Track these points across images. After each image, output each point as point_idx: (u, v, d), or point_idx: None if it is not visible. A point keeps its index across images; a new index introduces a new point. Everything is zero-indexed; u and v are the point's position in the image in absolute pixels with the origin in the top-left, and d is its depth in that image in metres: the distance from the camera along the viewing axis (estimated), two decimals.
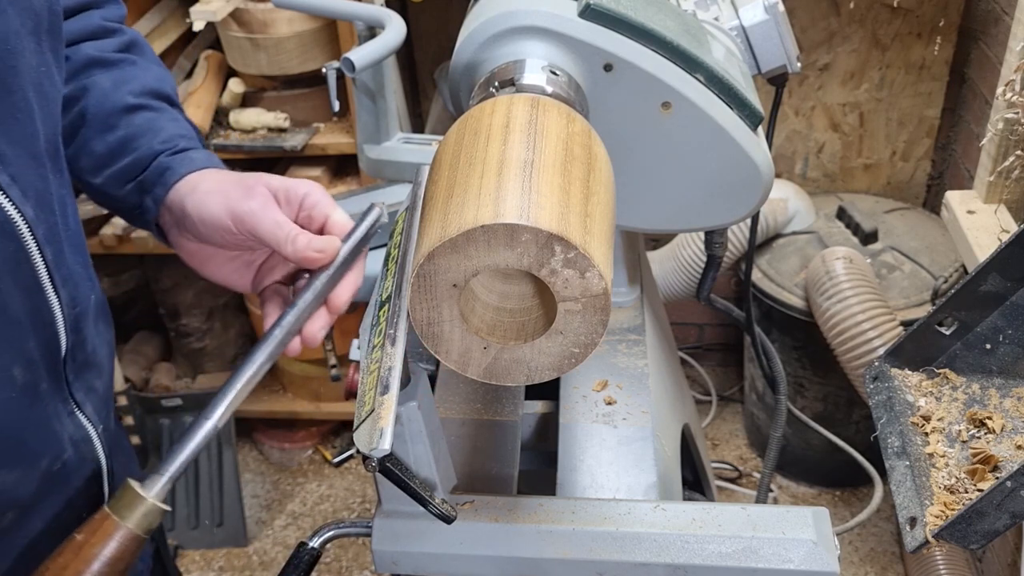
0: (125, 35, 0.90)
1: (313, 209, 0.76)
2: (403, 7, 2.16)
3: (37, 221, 0.69)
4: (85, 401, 0.79)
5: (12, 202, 0.67)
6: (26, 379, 0.71)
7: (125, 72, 0.86)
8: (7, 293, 0.67)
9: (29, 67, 0.69)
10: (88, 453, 0.80)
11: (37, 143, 0.71)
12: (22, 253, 0.68)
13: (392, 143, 1.49)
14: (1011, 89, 1.38)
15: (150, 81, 0.86)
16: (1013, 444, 0.79)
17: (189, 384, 2.57)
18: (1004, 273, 0.84)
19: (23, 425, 0.72)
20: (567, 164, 0.62)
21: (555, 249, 0.57)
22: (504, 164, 0.60)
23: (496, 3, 0.80)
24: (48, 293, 0.72)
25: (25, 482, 0.73)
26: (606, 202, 0.64)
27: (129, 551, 0.63)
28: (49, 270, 0.71)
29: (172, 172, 0.80)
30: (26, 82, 0.68)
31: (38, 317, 0.71)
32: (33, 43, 0.70)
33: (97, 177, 0.83)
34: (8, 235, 0.67)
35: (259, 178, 0.77)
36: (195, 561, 2.29)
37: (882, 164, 2.35)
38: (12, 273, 0.68)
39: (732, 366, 2.67)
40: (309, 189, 0.76)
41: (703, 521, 0.75)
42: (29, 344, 0.70)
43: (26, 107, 0.69)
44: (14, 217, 0.67)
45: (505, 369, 0.65)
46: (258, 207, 0.74)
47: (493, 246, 0.57)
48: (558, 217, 0.57)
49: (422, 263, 0.59)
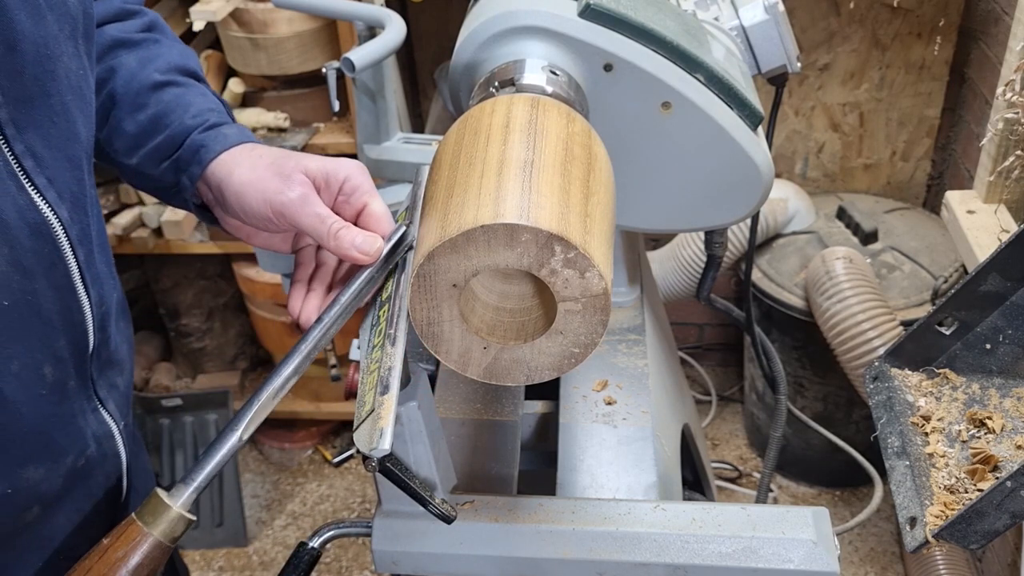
0: (146, 16, 0.90)
1: (352, 195, 0.73)
2: (403, 7, 2.16)
3: (72, 223, 0.71)
4: (108, 398, 0.80)
5: (49, 204, 0.68)
6: (55, 377, 0.72)
7: (150, 51, 0.86)
8: (41, 294, 0.69)
9: (68, 71, 0.70)
10: (110, 449, 0.82)
11: (75, 146, 0.72)
12: (57, 254, 0.70)
13: (392, 143, 1.49)
14: (1011, 89, 1.38)
15: (175, 58, 0.86)
16: (1013, 444, 0.79)
17: (189, 384, 2.57)
18: (1004, 273, 0.84)
19: (51, 422, 0.73)
20: (567, 164, 0.62)
21: (555, 249, 0.57)
22: (504, 164, 0.60)
23: (496, 3, 0.80)
24: (80, 293, 0.73)
25: (51, 478, 0.74)
26: (606, 202, 0.64)
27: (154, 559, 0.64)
28: (81, 271, 0.72)
29: (207, 150, 0.78)
30: (64, 87, 0.69)
31: (68, 317, 0.72)
32: (71, 47, 0.71)
33: (132, 158, 0.83)
34: (44, 237, 0.68)
35: (297, 162, 0.74)
36: (195, 561, 2.29)
37: (882, 164, 2.34)
38: (47, 274, 0.69)
39: (732, 366, 2.67)
40: (349, 172, 0.73)
41: (703, 521, 0.75)
42: (60, 343, 0.72)
43: (64, 111, 0.70)
44: (50, 219, 0.69)
45: (505, 369, 0.65)
46: (297, 199, 0.72)
47: (493, 246, 0.57)
48: (558, 217, 0.57)
49: (422, 263, 0.59)
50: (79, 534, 0.80)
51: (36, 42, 0.65)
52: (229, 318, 2.53)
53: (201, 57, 2.14)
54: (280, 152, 0.77)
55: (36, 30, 0.65)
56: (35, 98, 0.67)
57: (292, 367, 0.68)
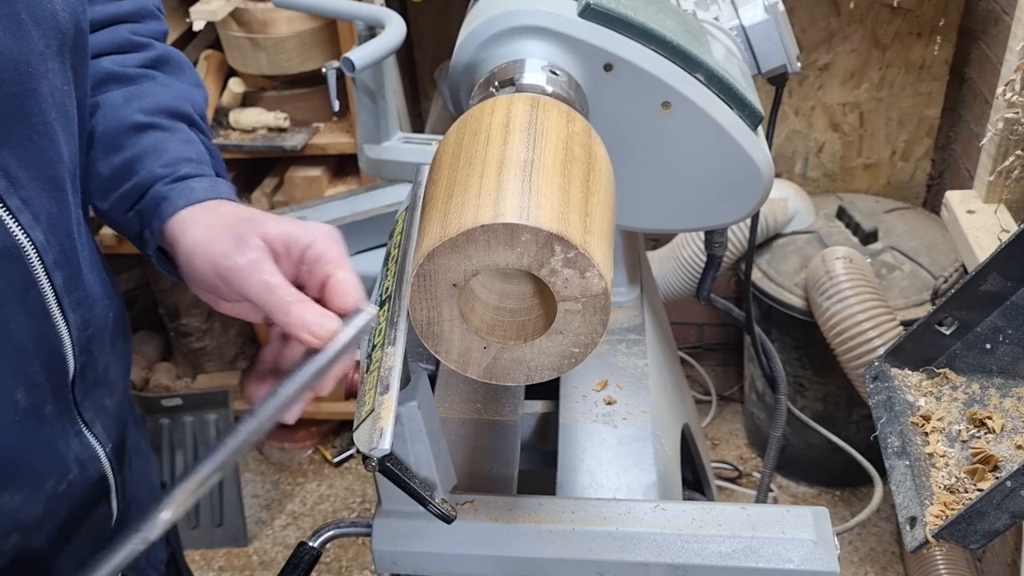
0: (154, 50, 0.84)
1: (315, 264, 0.65)
2: (403, 7, 2.16)
3: (47, 246, 0.68)
4: (94, 420, 0.77)
5: (22, 227, 0.65)
6: (30, 402, 0.69)
7: (141, 88, 0.80)
8: (12, 318, 0.66)
9: (52, 88, 0.67)
10: (95, 471, 0.79)
11: (56, 166, 0.68)
12: (29, 278, 0.67)
13: (392, 143, 1.49)
14: (1011, 89, 1.38)
15: (166, 98, 0.80)
16: (1013, 444, 0.79)
17: (189, 384, 2.57)
18: (1004, 273, 0.84)
19: (27, 447, 0.70)
20: (567, 164, 0.62)
21: (555, 249, 0.57)
22: (504, 164, 0.60)
23: (496, 3, 0.80)
24: (56, 318, 0.70)
25: (30, 503, 0.72)
26: (606, 202, 0.64)
27: None
28: (58, 295, 0.69)
29: (168, 204, 0.72)
30: (47, 105, 0.66)
31: (44, 342, 0.69)
32: (57, 63, 0.67)
33: (104, 202, 0.78)
34: (15, 260, 0.65)
35: (255, 225, 0.67)
36: (195, 561, 2.29)
37: (882, 164, 2.34)
38: (19, 298, 0.66)
39: (732, 366, 2.67)
40: (314, 239, 0.66)
41: (703, 521, 0.75)
42: (34, 368, 0.69)
43: (46, 130, 0.66)
44: (22, 242, 0.65)
45: (505, 369, 0.65)
46: (246, 265, 0.65)
47: (493, 246, 0.57)
48: (558, 217, 0.57)
49: (422, 263, 0.59)
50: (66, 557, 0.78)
51: (15, 59, 0.62)
52: (229, 318, 2.52)
53: (201, 57, 2.14)
54: (245, 213, 0.70)
55: (17, 46, 0.62)
56: (12, 116, 0.63)
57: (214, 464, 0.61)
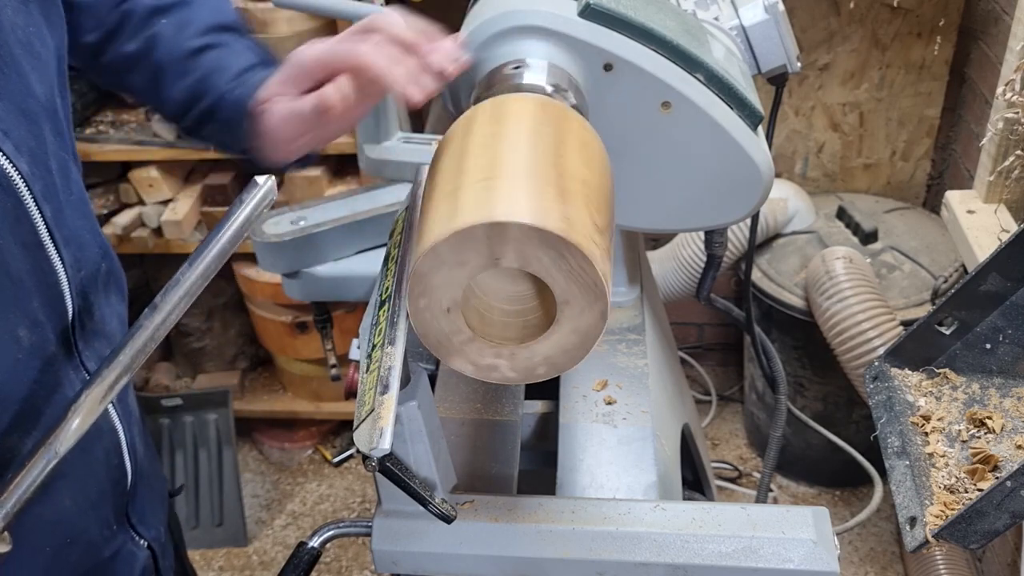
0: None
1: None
2: (403, 7, 2.16)
3: (33, 177, 0.69)
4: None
5: (6, 156, 0.66)
6: (32, 340, 0.70)
7: (183, 15, 0.87)
8: (7, 250, 0.67)
9: (13, 24, 0.69)
10: (104, 423, 0.80)
11: (28, 100, 0.70)
12: (20, 209, 0.68)
13: (392, 143, 1.49)
14: (1011, 89, 1.38)
15: (208, 18, 0.87)
16: (1013, 444, 0.79)
17: (189, 384, 2.57)
18: (1004, 273, 0.84)
19: (35, 390, 0.71)
20: (566, 163, 0.62)
21: (554, 248, 0.57)
22: (502, 164, 0.60)
23: (496, 3, 0.80)
24: (49, 250, 0.71)
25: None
26: (605, 200, 0.64)
27: None
28: (49, 227, 0.70)
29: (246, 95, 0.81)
30: (11, 39, 0.68)
31: (40, 276, 0.70)
32: (16, 1, 0.70)
33: (185, 120, 0.86)
34: (5, 189, 0.66)
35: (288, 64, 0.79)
36: (195, 561, 2.29)
37: (882, 164, 2.34)
38: (11, 229, 0.67)
39: (732, 366, 2.67)
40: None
41: (703, 521, 0.75)
42: (33, 304, 0.70)
43: (13, 63, 0.68)
44: (9, 171, 0.66)
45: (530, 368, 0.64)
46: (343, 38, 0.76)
47: (492, 246, 0.57)
48: (557, 216, 0.57)
49: (421, 263, 0.59)
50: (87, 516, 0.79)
51: None
52: (229, 318, 2.53)
53: None
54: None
55: None
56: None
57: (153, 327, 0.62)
